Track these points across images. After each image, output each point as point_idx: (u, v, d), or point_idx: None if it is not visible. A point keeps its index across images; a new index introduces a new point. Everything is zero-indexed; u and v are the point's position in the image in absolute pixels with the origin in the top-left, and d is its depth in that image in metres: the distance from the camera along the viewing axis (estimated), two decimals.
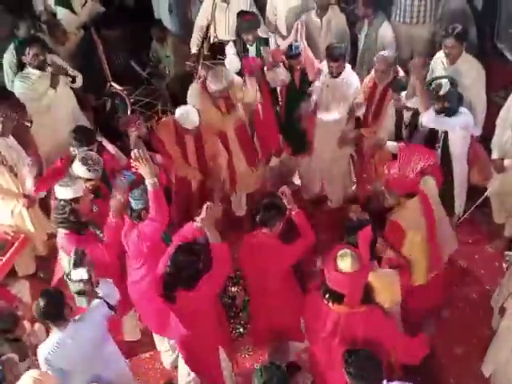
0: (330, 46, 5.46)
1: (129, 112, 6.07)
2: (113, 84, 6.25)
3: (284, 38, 6.19)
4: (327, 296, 3.63)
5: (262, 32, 5.87)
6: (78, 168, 4.60)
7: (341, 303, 3.59)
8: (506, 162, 5.04)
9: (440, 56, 5.43)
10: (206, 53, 6.28)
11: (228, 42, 5.95)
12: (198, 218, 4.05)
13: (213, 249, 3.98)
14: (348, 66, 5.55)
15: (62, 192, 4.30)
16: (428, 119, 4.87)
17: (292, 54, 5.51)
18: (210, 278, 3.88)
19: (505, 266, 4.47)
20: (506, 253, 4.55)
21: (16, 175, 5.24)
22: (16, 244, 5.26)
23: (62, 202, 4.28)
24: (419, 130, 5.11)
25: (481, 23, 6.29)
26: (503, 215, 5.52)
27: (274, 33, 6.19)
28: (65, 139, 5.54)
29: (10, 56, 5.98)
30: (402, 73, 5.33)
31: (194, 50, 6.44)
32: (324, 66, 5.54)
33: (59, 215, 4.28)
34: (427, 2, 6.18)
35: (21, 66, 5.69)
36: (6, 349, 4.31)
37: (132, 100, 6.17)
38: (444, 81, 4.83)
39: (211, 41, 6.38)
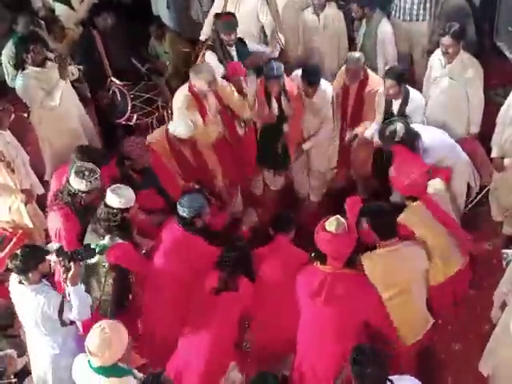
0: (307, 69, 5.38)
1: (129, 108, 6.05)
2: (113, 80, 6.24)
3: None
4: (313, 255, 3.98)
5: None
6: (75, 183, 4.45)
7: (324, 263, 3.88)
8: (506, 161, 5.05)
9: (438, 54, 5.43)
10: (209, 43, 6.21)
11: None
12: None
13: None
14: (321, 87, 5.42)
15: (115, 200, 4.28)
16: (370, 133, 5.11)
17: (272, 75, 5.16)
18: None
19: (504, 263, 4.47)
20: (503, 251, 4.58)
21: (13, 171, 5.22)
22: (14, 239, 5.25)
23: (115, 211, 4.28)
24: None
25: (480, 21, 6.30)
26: (501, 213, 5.53)
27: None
28: (71, 134, 5.64)
29: (8, 51, 5.98)
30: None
31: (202, 37, 6.42)
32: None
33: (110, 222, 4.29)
34: None
35: (19, 63, 5.66)
36: (4, 345, 4.33)
37: (132, 96, 6.14)
38: (399, 125, 4.75)
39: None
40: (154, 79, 6.61)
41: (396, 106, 5.21)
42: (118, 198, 4.26)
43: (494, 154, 5.16)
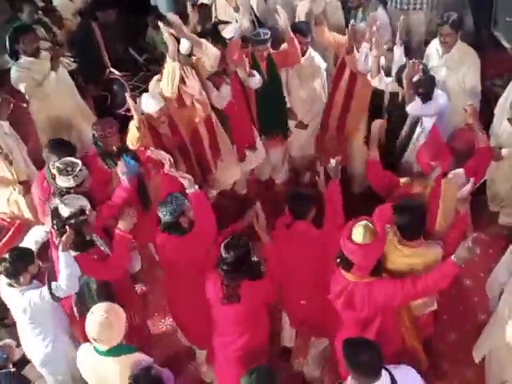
0: (296, 23, 5.50)
1: (128, 94, 6.04)
2: (112, 70, 6.23)
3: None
4: (338, 261, 3.73)
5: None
6: (62, 182, 4.28)
7: (349, 271, 3.69)
8: (504, 151, 5.04)
9: (435, 43, 5.44)
10: None
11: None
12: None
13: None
14: (310, 48, 5.53)
15: (65, 211, 4.07)
16: (414, 108, 4.87)
17: (261, 40, 5.30)
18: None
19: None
20: None
21: (11, 162, 5.23)
22: (12, 230, 5.27)
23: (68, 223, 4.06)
24: None
25: (477, 11, 6.29)
26: (498, 203, 5.54)
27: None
28: (66, 123, 5.65)
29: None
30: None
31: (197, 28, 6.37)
32: None
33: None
34: None
35: (13, 53, 5.68)
36: (3, 334, 4.36)
37: (131, 86, 6.14)
38: None
39: (212, 20, 6.33)
40: (152, 69, 6.61)
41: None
42: (67, 208, 4.04)
43: (491, 144, 5.16)
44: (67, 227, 3.95)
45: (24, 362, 4.67)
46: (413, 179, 4.40)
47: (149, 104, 4.84)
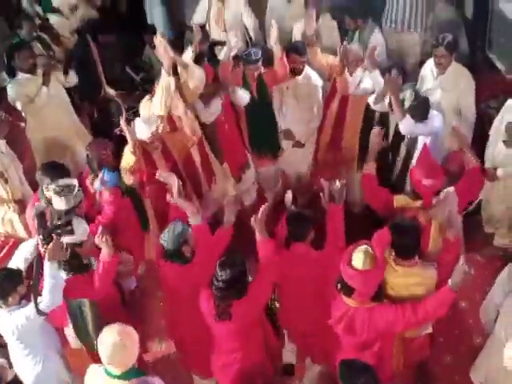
0: (292, 42, 5.55)
1: (123, 117, 6.03)
2: (107, 89, 6.23)
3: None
4: (339, 287, 3.73)
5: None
6: (57, 203, 4.25)
7: (350, 296, 3.70)
8: (499, 172, 5.07)
9: (430, 65, 5.46)
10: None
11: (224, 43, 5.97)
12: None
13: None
14: (307, 67, 5.55)
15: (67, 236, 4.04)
16: (406, 127, 4.90)
17: (252, 60, 5.34)
18: (258, 282, 3.93)
19: None
20: None
21: (6, 181, 5.23)
22: (6, 248, 5.26)
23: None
24: None
25: (472, 33, 6.34)
26: (493, 224, 5.54)
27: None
28: (61, 139, 5.66)
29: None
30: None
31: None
32: None
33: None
34: (418, 9, 6.21)
35: (9, 69, 5.70)
36: None
37: (126, 106, 6.14)
38: (407, 93, 4.85)
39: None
40: (149, 88, 6.62)
41: None
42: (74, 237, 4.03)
43: (487, 165, 5.18)
44: (54, 236, 3.91)
45: (17, 382, 4.64)
46: (415, 205, 4.36)
47: (141, 129, 4.81)
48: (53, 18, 6.76)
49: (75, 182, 4.32)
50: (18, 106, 5.58)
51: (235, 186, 5.73)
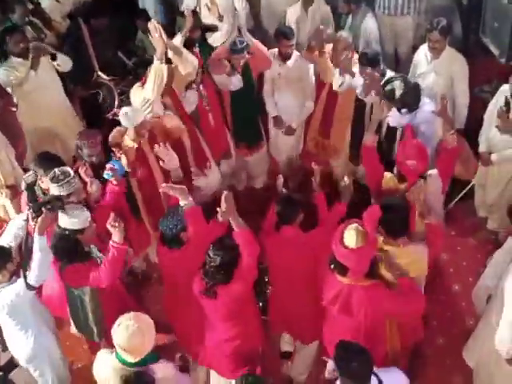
0: (279, 27, 5.54)
1: (116, 102, 6.02)
2: (100, 74, 6.20)
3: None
4: (332, 266, 3.73)
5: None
6: (53, 189, 4.22)
7: (344, 275, 3.69)
8: (493, 156, 5.07)
9: (423, 49, 5.45)
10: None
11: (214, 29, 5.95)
12: (219, 213, 3.97)
13: (241, 236, 3.93)
14: (296, 52, 5.57)
15: (67, 222, 4.03)
16: (394, 120, 4.91)
17: (237, 49, 5.34)
18: (245, 266, 3.91)
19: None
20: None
21: None
22: None
23: (67, 232, 4.04)
24: None
25: (466, 17, 6.32)
26: (486, 208, 5.56)
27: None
28: (51, 125, 5.66)
29: None
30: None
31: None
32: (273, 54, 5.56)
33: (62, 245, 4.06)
34: None
35: (1, 53, 5.65)
36: None
37: (119, 90, 6.11)
38: (397, 83, 4.80)
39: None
40: (141, 73, 6.59)
41: None
42: (71, 219, 4.02)
43: (481, 149, 5.18)
44: (43, 210, 3.90)
45: (11, 366, 4.66)
46: (400, 187, 4.43)
47: (128, 118, 4.76)
48: (45, 2, 6.70)
49: (70, 170, 4.27)
50: (9, 89, 5.54)
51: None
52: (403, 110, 4.83)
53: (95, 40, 6.34)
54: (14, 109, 5.46)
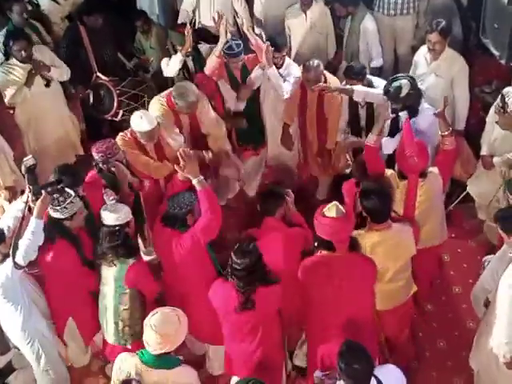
0: (271, 38, 5.51)
1: (115, 104, 6.00)
2: (99, 75, 6.18)
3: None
4: (317, 245, 3.91)
5: None
6: (53, 213, 4.15)
7: (331, 250, 3.84)
8: (495, 159, 5.04)
9: (423, 51, 5.44)
10: None
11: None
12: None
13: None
14: (288, 58, 5.57)
15: (112, 218, 4.10)
16: (386, 147, 4.87)
17: (234, 53, 5.31)
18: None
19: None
20: (485, 258, 4.53)
21: None
22: None
23: (116, 228, 4.10)
24: None
25: (466, 18, 6.30)
26: (486, 212, 5.52)
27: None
28: (47, 128, 5.65)
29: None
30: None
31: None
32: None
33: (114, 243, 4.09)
34: None
35: (4, 54, 5.69)
36: None
37: (118, 92, 6.09)
38: (403, 82, 4.78)
39: (195, 26, 6.31)
40: (140, 75, 6.58)
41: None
42: (114, 214, 4.11)
43: (483, 152, 5.14)
44: (43, 192, 3.92)
45: (8, 370, 4.64)
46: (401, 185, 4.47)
47: (138, 122, 4.79)
48: (44, 3, 6.68)
49: (71, 193, 4.16)
50: (6, 92, 5.52)
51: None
52: (402, 113, 4.81)
53: (94, 41, 6.32)
54: (11, 111, 5.44)
